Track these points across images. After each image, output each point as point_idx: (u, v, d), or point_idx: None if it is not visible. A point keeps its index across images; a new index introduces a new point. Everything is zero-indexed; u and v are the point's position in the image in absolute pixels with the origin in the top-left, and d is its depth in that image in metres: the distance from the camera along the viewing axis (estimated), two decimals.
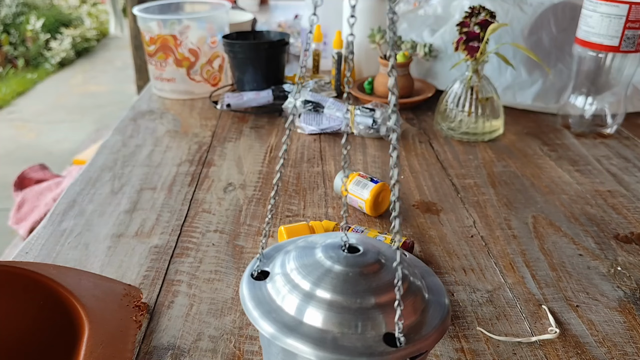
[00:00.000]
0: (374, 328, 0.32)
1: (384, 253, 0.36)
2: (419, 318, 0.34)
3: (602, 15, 0.86)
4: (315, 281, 0.34)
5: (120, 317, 0.51)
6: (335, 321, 0.32)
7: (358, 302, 0.32)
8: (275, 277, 0.36)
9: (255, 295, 0.35)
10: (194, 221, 0.70)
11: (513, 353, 0.49)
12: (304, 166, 0.85)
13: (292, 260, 0.36)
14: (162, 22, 1.08)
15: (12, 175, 1.45)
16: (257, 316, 0.34)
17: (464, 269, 0.61)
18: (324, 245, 0.36)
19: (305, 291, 0.34)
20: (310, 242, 0.38)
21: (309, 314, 0.33)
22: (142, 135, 0.97)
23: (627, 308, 0.55)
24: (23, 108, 3.59)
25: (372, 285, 0.33)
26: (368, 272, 0.34)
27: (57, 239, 0.66)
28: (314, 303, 0.33)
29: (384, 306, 0.33)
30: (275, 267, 0.37)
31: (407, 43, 1.09)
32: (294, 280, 0.35)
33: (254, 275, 0.37)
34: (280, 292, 0.35)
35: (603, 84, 0.92)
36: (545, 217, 0.71)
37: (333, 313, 0.32)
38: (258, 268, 0.37)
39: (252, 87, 1.09)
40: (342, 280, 0.33)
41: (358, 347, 0.31)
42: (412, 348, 0.32)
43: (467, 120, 0.92)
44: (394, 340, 0.32)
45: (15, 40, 4.49)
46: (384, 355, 0.31)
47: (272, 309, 0.34)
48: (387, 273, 0.34)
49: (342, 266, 0.34)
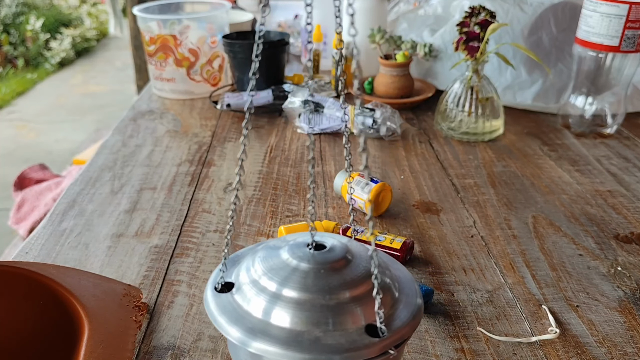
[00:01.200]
0: (354, 322, 0.32)
1: (350, 249, 0.36)
2: (392, 309, 0.34)
3: (602, 15, 0.85)
4: (281, 281, 0.33)
5: (120, 317, 0.51)
6: (311, 320, 0.32)
7: (333, 298, 0.32)
8: (242, 285, 0.35)
9: (221, 305, 0.34)
10: (194, 221, 0.70)
11: (513, 353, 0.49)
12: (304, 166, 0.85)
13: (258, 264, 0.35)
14: (162, 22, 1.08)
15: (12, 175, 1.45)
16: (223, 322, 0.33)
17: (464, 269, 0.61)
18: (288, 245, 0.36)
19: (272, 293, 0.33)
20: (273, 245, 0.37)
21: (278, 315, 0.32)
22: (142, 135, 0.97)
23: (627, 308, 0.55)
24: (23, 108, 3.59)
25: (345, 280, 0.33)
26: (338, 268, 0.34)
27: (57, 239, 0.66)
28: (282, 303, 0.32)
29: (359, 299, 0.33)
30: (240, 274, 0.36)
31: (407, 43, 1.09)
32: (261, 283, 0.34)
33: (217, 288, 0.36)
34: (247, 296, 0.34)
35: (603, 84, 0.92)
36: (545, 217, 0.71)
37: (307, 312, 0.32)
38: (222, 280, 0.36)
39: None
40: (312, 277, 0.33)
41: (342, 343, 0.31)
42: (394, 336, 0.32)
43: (467, 120, 0.92)
44: (376, 331, 0.32)
45: (15, 40, 4.49)
46: (370, 346, 0.31)
47: (237, 312, 0.33)
48: (356, 267, 0.34)
49: (310, 264, 0.34)
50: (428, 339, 0.51)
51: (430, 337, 0.51)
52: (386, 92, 1.06)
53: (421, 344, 0.50)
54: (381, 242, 0.61)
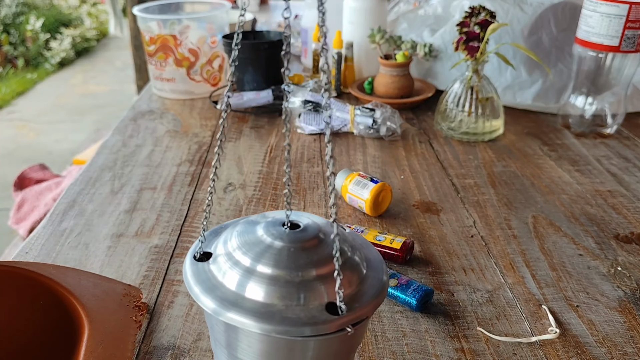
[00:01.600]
0: (316, 299, 0.33)
1: (323, 229, 0.37)
2: (357, 288, 0.35)
3: (602, 15, 0.86)
4: (256, 257, 0.35)
5: (120, 317, 0.51)
6: (278, 294, 0.33)
7: (300, 275, 0.34)
8: (218, 257, 0.37)
9: (197, 273, 0.36)
10: (194, 221, 0.70)
11: (513, 353, 0.49)
12: (304, 166, 0.85)
13: (234, 238, 0.37)
14: (162, 22, 1.08)
15: (12, 175, 1.45)
16: (199, 292, 0.34)
17: (464, 269, 0.61)
18: (265, 222, 0.37)
19: (246, 267, 0.34)
20: (252, 220, 0.39)
21: (251, 289, 0.34)
22: (142, 135, 0.97)
23: (627, 308, 0.55)
24: (23, 108, 3.59)
25: (312, 259, 0.34)
26: (308, 247, 0.35)
27: (57, 239, 0.66)
28: (255, 278, 0.34)
29: (324, 278, 0.34)
30: (217, 246, 0.38)
31: (407, 43, 1.09)
32: (235, 257, 0.35)
33: (196, 257, 0.38)
34: (222, 269, 0.35)
35: (603, 84, 0.92)
36: (545, 217, 0.71)
37: (275, 287, 0.33)
38: (200, 250, 0.38)
39: (252, 87, 1.09)
40: (283, 255, 0.34)
41: (302, 318, 0.32)
42: (352, 315, 0.33)
43: (467, 120, 0.92)
44: (336, 309, 0.33)
45: (15, 40, 4.49)
46: (327, 323, 0.32)
47: (214, 285, 0.35)
48: (326, 247, 0.35)
49: (283, 242, 0.35)
50: (428, 339, 0.51)
51: (430, 337, 0.51)
52: (386, 92, 1.06)
53: (421, 344, 0.51)
54: (381, 242, 0.61)
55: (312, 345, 0.34)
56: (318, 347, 0.34)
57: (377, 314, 0.54)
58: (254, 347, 0.35)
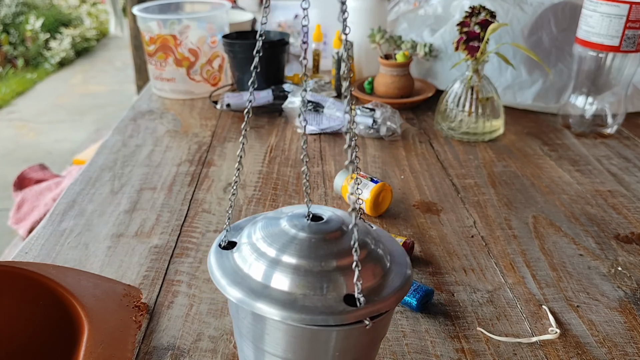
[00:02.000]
0: (335, 289, 0.33)
1: (346, 222, 0.37)
2: (379, 281, 0.35)
3: (603, 15, 0.85)
4: (281, 248, 0.35)
5: (120, 317, 0.51)
6: (299, 284, 0.33)
7: (321, 266, 0.34)
8: (242, 246, 0.37)
9: (222, 264, 0.37)
10: (193, 221, 0.70)
11: (513, 353, 0.49)
12: (302, 169, 0.84)
13: (259, 230, 0.37)
14: (162, 22, 1.08)
15: (12, 175, 1.45)
16: (225, 284, 0.35)
17: (464, 269, 0.61)
18: (289, 215, 0.38)
19: (271, 258, 0.35)
20: (275, 214, 0.39)
21: (275, 279, 0.34)
22: (142, 135, 0.97)
23: (628, 308, 0.55)
24: (23, 108, 3.59)
25: (333, 250, 0.35)
26: (330, 238, 0.35)
27: (57, 239, 0.66)
28: (279, 268, 0.34)
29: (344, 269, 0.34)
30: (242, 237, 0.38)
31: (407, 43, 1.09)
32: (260, 248, 0.36)
33: (221, 245, 0.38)
34: (247, 260, 0.36)
35: (603, 83, 0.92)
36: (545, 217, 0.71)
37: (298, 276, 0.34)
38: (225, 239, 0.39)
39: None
40: (306, 246, 0.35)
41: (319, 307, 0.32)
42: (371, 308, 0.33)
43: (467, 120, 0.92)
44: (354, 301, 0.33)
45: (14, 40, 4.49)
46: (344, 314, 0.32)
47: (240, 277, 0.35)
48: (348, 239, 0.35)
49: (306, 233, 0.36)
50: (428, 339, 0.51)
51: (430, 337, 0.51)
52: (386, 92, 1.06)
53: (421, 344, 0.50)
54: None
55: (332, 336, 0.34)
56: (338, 339, 0.34)
57: None
58: (277, 337, 0.35)
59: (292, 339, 0.35)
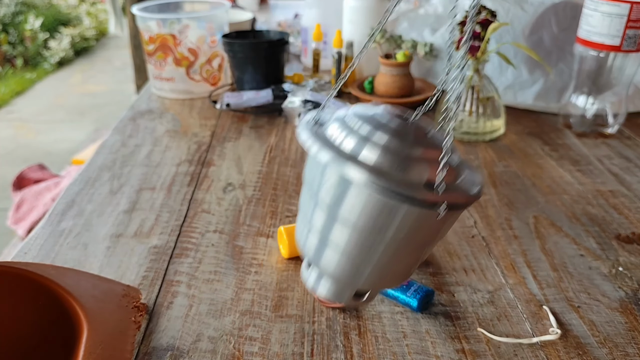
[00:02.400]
0: (418, 174, 0.36)
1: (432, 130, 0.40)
2: (456, 183, 0.38)
3: (604, 15, 0.85)
4: (373, 129, 0.37)
5: (119, 318, 0.50)
6: (386, 161, 0.36)
7: (409, 150, 0.36)
8: (334, 122, 0.39)
9: (314, 133, 0.39)
10: (193, 221, 0.70)
11: (514, 354, 0.49)
12: (304, 166, 0.84)
13: (352, 113, 0.39)
14: (161, 21, 1.07)
15: (11, 175, 1.44)
16: (316, 146, 0.37)
17: (465, 269, 0.61)
18: (382, 110, 0.40)
19: (362, 135, 0.37)
20: (367, 108, 0.41)
21: (364, 153, 0.36)
22: (142, 135, 0.96)
23: (629, 309, 0.55)
24: (22, 108, 3.58)
25: (422, 141, 0.37)
26: (420, 133, 0.38)
27: (56, 239, 0.66)
28: (369, 145, 0.36)
29: (430, 161, 0.36)
30: (333, 117, 0.40)
31: (408, 42, 1.09)
32: (352, 127, 0.38)
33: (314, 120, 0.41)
34: (339, 135, 0.38)
35: (604, 83, 0.92)
36: (546, 217, 0.71)
37: (386, 154, 0.36)
38: (318, 116, 0.41)
39: (252, 86, 1.09)
40: (397, 131, 0.37)
41: (404, 180, 0.35)
42: (447, 196, 0.36)
43: (467, 120, 0.92)
44: (433, 189, 0.36)
45: (14, 39, 4.49)
46: (425, 193, 0.35)
47: (330, 145, 0.37)
48: (436, 139, 0.38)
49: (399, 121, 0.38)
50: (429, 340, 0.51)
51: (430, 337, 0.51)
52: (386, 91, 1.06)
53: (422, 344, 0.50)
54: None
55: (405, 211, 0.36)
56: (409, 217, 0.36)
57: (377, 315, 0.54)
58: (353, 203, 0.37)
59: (367, 207, 0.36)
